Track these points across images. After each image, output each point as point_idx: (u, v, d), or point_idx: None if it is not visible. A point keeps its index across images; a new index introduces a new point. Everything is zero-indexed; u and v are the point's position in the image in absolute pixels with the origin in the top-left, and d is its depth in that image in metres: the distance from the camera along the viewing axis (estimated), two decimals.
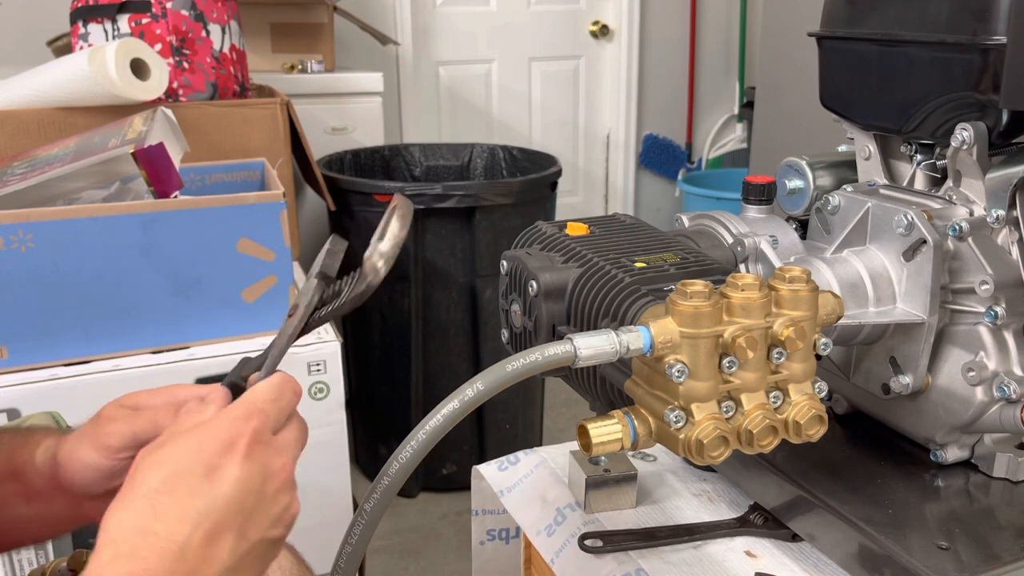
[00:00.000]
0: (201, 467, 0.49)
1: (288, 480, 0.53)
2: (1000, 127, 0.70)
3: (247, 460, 0.51)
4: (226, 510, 0.49)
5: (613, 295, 0.63)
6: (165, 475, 0.49)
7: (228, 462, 0.50)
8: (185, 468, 0.49)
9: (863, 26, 0.78)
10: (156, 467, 0.49)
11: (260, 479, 0.51)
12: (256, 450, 0.51)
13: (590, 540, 0.76)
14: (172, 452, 0.50)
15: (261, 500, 0.51)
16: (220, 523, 0.48)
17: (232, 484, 0.49)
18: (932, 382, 0.75)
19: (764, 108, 2.74)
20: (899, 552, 0.66)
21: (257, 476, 0.51)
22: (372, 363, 2.22)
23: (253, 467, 0.51)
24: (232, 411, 0.53)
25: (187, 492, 0.48)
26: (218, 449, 0.50)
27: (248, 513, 0.50)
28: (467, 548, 1.49)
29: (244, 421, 0.52)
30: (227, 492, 0.49)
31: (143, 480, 0.49)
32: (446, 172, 2.53)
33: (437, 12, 3.21)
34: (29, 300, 1.26)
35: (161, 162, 1.29)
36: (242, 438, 0.51)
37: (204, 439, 0.51)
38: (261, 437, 0.52)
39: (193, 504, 0.48)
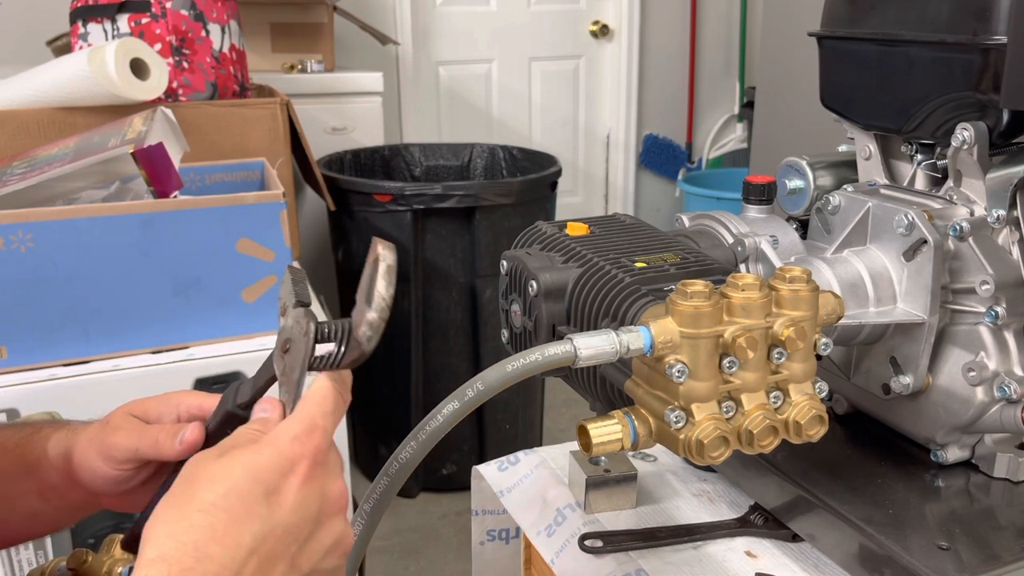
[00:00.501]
0: (261, 487, 0.46)
1: (344, 506, 0.51)
2: (1000, 127, 0.70)
3: (306, 483, 0.48)
4: (283, 538, 0.46)
5: (613, 295, 0.63)
6: (224, 491, 0.46)
7: (287, 485, 0.47)
8: (246, 487, 0.46)
9: (863, 26, 0.78)
10: (214, 481, 0.46)
11: (317, 505, 0.49)
12: (316, 473, 0.49)
13: (590, 540, 0.76)
14: (232, 467, 0.47)
15: (316, 528, 0.49)
16: (274, 551, 0.46)
17: (290, 510, 0.47)
18: (932, 382, 0.75)
19: (764, 108, 2.74)
20: (899, 552, 0.66)
21: (315, 502, 0.48)
22: (372, 363, 2.22)
23: (312, 491, 0.48)
24: (292, 427, 0.50)
25: (246, 513, 0.45)
26: (280, 469, 0.47)
27: (302, 542, 0.48)
28: (467, 548, 1.49)
29: (306, 439, 0.49)
30: (284, 518, 0.47)
31: (199, 492, 0.46)
32: (446, 172, 2.53)
33: (437, 12, 3.21)
34: (29, 300, 1.26)
35: (161, 162, 1.29)
36: (304, 459, 0.48)
37: (265, 456, 0.48)
38: (320, 458, 0.49)
39: (251, 528, 0.45)
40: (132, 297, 1.31)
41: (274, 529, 0.46)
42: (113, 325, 1.31)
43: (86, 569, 0.69)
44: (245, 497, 0.46)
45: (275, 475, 0.47)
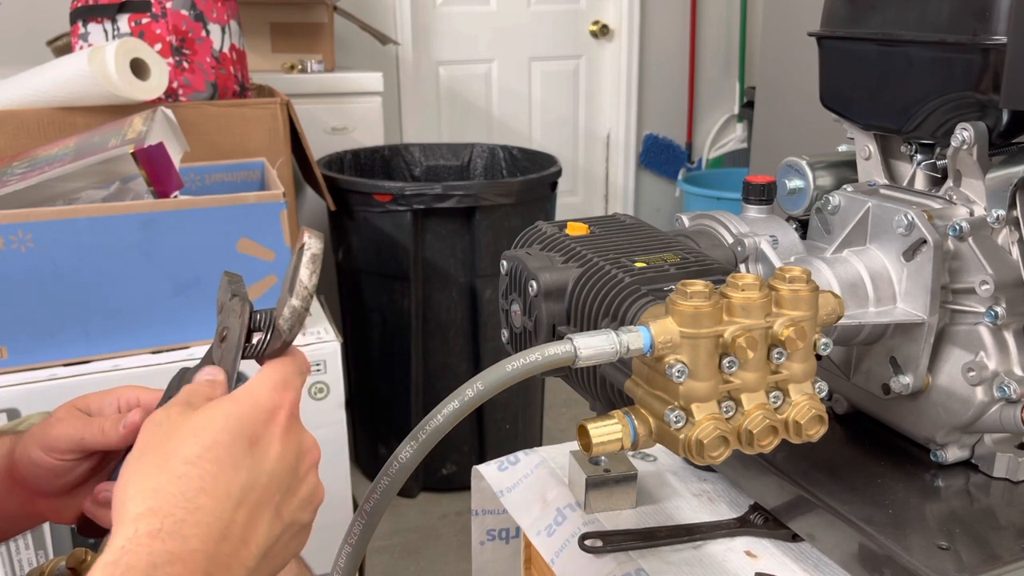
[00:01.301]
0: (246, 438, 0.47)
1: (318, 460, 0.51)
2: (1000, 127, 0.70)
3: (287, 434, 0.49)
4: (268, 487, 0.47)
5: (613, 295, 0.63)
6: (209, 443, 0.46)
7: (269, 434, 0.48)
8: (231, 439, 0.46)
9: (863, 26, 0.78)
10: (196, 434, 0.46)
11: (296, 456, 0.49)
12: (294, 424, 0.50)
13: (590, 540, 0.76)
14: (213, 419, 0.47)
15: (296, 478, 0.49)
16: (261, 500, 0.46)
17: (274, 459, 0.47)
18: (932, 382, 0.75)
19: (764, 108, 2.74)
20: (899, 552, 0.66)
21: (293, 452, 0.49)
22: (372, 363, 2.22)
23: (291, 442, 0.49)
24: (268, 379, 0.50)
25: (232, 465, 0.45)
26: (261, 419, 0.48)
27: (284, 491, 0.48)
28: (467, 548, 1.49)
29: (283, 391, 0.50)
30: (269, 467, 0.47)
31: (181, 446, 0.45)
32: (446, 172, 2.53)
33: (437, 12, 3.21)
34: (29, 300, 1.26)
35: (161, 162, 1.29)
36: (282, 409, 0.49)
37: (246, 407, 0.48)
38: (295, 410, 0.50)
39: (238, 478, 0.45)
40: (132, 297, 1.31)
41: (259, 478, 0.46)
42: (113, 325, 1.31)
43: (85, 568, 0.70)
44: (231, 448, 0.46)
45: (257, 425, 0.47)
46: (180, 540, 0.42)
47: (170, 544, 0.42)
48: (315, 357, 1.40)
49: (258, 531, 0.46)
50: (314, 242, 0.53)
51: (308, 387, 1.41)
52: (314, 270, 0.53)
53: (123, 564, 0.41)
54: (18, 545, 1.29)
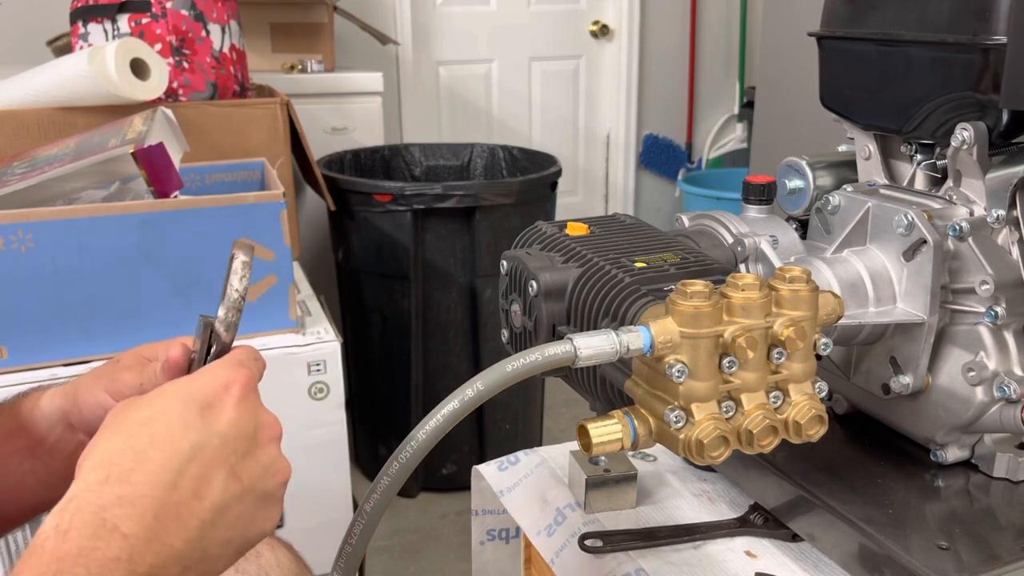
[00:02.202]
0: (196, 404, 0.48)
1: (279, 435, 0.52)
2: (1000, 127, 0.70)
3: (242, 402, 0.50)
4: (220, 448, 0.48)
5: (613, 295, 0.63)
6: (161, 408, 0.48)
7: (223, 402, 0.49)
8: (181, 405, 0.48)
9: (863, 26, 0.78)
10: (151, 401, 0.49)
11: (253, 425, 0.50)
12: (249, 396, 0.51)
13: (590, 540, 0.76)
14: (164, 391, 0.50)
15: (254, 445, 0.50)
16: (214, 459, 0.47)
17: (227, 423, 0.49)
18: (932, 382, 0.75)
19: (764, 108, 2.74)
20: (899, 552, 0.66)
21: (250, 421, 0.50)
22: (372, 363, 2.22)
23: (247, 411, 0.50)
24: (223, 361, 0.53)
25: (183, 424, 0.47)
26: (214, 390, 0.50)
27: (241, 454, 0.49)
28: (467, 548, 1.49)
29: (236, 368, 0.52)
30: (222, 429, 0.48)
31: (132, 413, 0.48)
32: (446, 172, 2.53)
33: (437, 12, 3.21)
34: (29, 300, 1.26)
35: (161, 162, 1.29)
36: (236, 383, 0.51)
37: (198, 382, 0.50)
38: (251, 385, 0.52)
39: (188, 436, 0.47)
40: (132, 297, 1.31)
41: (211, 438, 0.48)
42: (113, 325, 1.31)
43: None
44: (183, 412, 0.48)
45: (210, 394, 0.49)
46: (128, 485, 0.44)
47: (118, 488, 0.44)
48: (315, 357, 1.40)
49: (212, 487, 0.47)
50: (242, 252, 0.59)
51: (308, 387, 1.41)
52: (243, 276, 0.58)
53: (72, 508, 0.43)
54: (18, 545, 1.29)
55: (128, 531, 0.43)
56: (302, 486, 1.49)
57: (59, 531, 0.42)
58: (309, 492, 1.47)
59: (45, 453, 0.67)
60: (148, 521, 0.43)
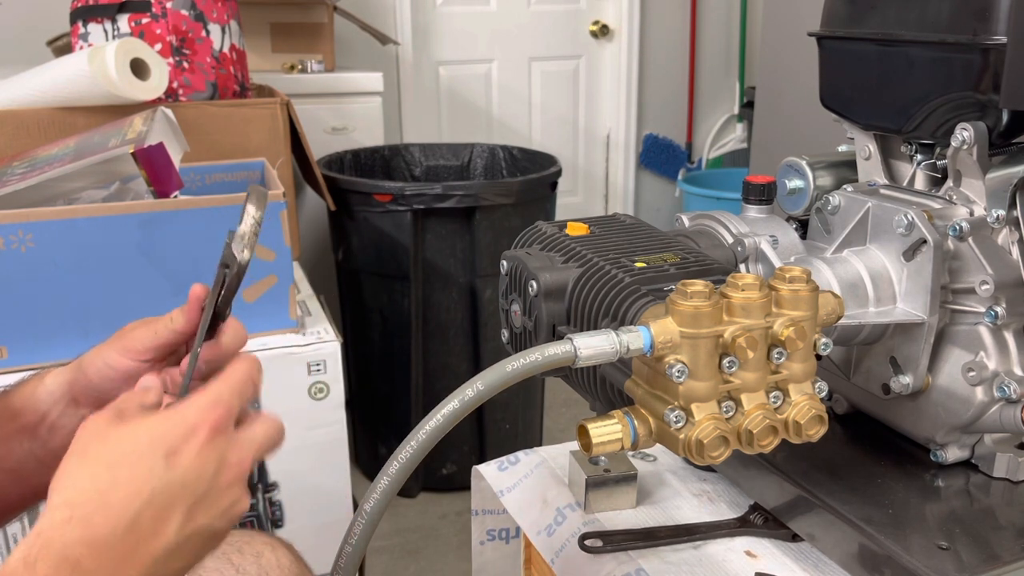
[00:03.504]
0: (163, 449, 0.51)
1: (242, 475, 0.55)
2: (1000, 127, 0.70)
3: (206, 447, 0.53)
4: (179, 492, 0.51)
5: (613, 295, 0.63)
6: (127, 451, 0.51)
7: (188, 447, 0.52)
8: (147, 447, 0.51)
9: (863, 26, 0.78)
10: (119, 441, 0.52)
11: (215, 468, 0.53)
12: (217, 440, 0.53)
13: (590, 540, 0.76)
14: (136, 431, 0.52)
15: (213, 488, 0.53)
16: (170, 503, 0.51)
17: (187, 468, 0.52)
18: (932, 382, 0.75)
19: (764, 108, 2.74)
20: (899, 552, 0.66)
21: (212, 464, 0.53)
22: (372, 363, 2.22)
23: (211, 455, 0.53)
24: (199, 400, 0.55)
25: (147, 470, 0.50)
26: (181, 434, 0.52)
27: (198, 497, 0.52)
28: (467, 548, 1.49)
29: (209, 410, 0.54)
30: (180, 475, 0.51)
31: (103, 450, 0.51)
32: (446, 172, 2.53)
33: (437, 12, 3.21)
34: (29, 300, 1.26)
35: (161, 162, 1.29)
36: (204, 426, 0.53)
37: (170, 423, 0.53)
38: (220, 426, 0.54)
39: (150, 482, 0.50)
40: (132, 297, 1.31)
41: (171, 484, 0.51)
42: (113, 325, 1.30)
43: None
44: (145, 457, 0.51)
45: (177, 439, 0.52)
46: (89, 527, 0.49)
47: (80, 530, 0.48)
48: (315, 357, 1.40)
49: (168, 528, 0.51)
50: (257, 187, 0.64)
51: (308, 387, 1.41)
52: (259, 205, 0.63)
53: (39, 542, 0.48)
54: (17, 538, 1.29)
55: (88, 567, 0.48)
56: (302, 486, 1.50)
57: (27, 563, 0.47)
58: (309, 492, 1.47)
59: (45, 431, 0.69)
60: (106, 560, 0.49)
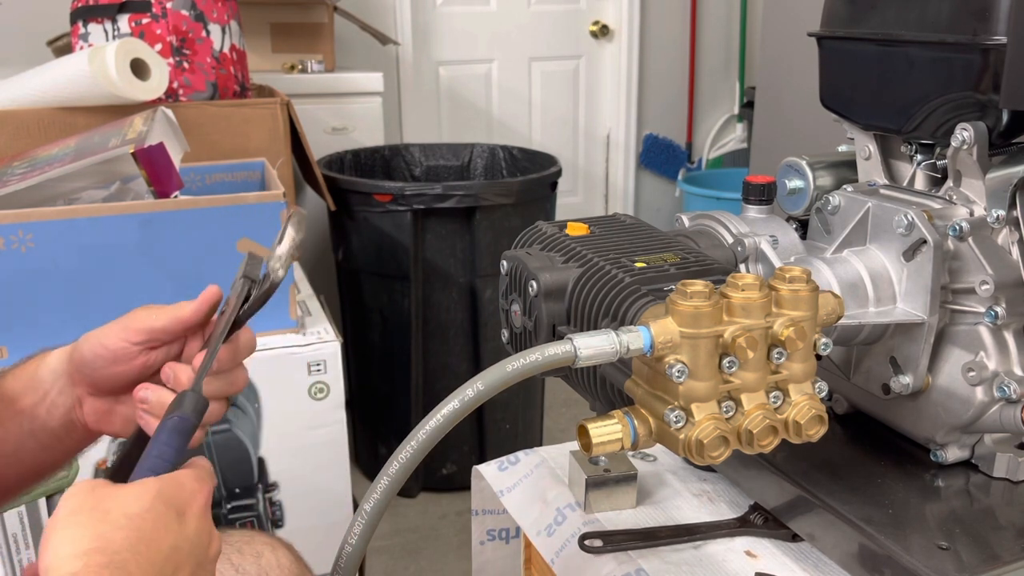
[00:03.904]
0: (174, 509, 0.53)
1: (218, 553, 0.57)
2: (1000, 127, 0.70)
3: (203, 516, 0.55)
4: (189, 551, 0.53)
5: (613, 295, 0.63)
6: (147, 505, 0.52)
7: (192, 511, 0.54)
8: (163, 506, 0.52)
9: (863, 26, 0.78)
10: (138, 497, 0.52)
11: (208, 538, 0.55)
12: (207, 512, 0.56)
13: (590, 540, 0.76)
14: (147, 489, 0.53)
15: (208, 557, 0.55)
16: (183, 561, 0.52)
17: (193, 531, 0.54)
18: (932, 382, 0.75)
19: (764, 108, 2.74)
20: (899, 552, 0.66)
21: (207, 534, 0.55)
22: (372, 363, 2.22)
23: (206, 524, 0.55)
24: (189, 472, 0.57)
25: (164, 527, 0.52)
26: (185, 497, 0.54)
27: (199, 560, 0.54)
28: (467, 548, 1.49)
29: (202, 482, 0.56)
30: (190, 536, 0.53)
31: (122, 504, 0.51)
32: (446, 172, 2.53)
33: (437, 12, 3.21)
34: (29, 300, 1.26)
35: (161, 162, 1.29)
36: (201, 494, 0.55)
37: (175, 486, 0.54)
38: (209, 501, 0.57)
39: (168, 538, 0.52)
40: (132, 297, 1.31)
41: (183, 544, 0.53)
42: None
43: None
44: (164, 514, 0.52)
45: (184, 501, 0.54)
46: (125, 573, 0.48)
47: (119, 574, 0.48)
48: (315, 357, 1.40)
49: None
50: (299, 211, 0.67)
51: (308, 387, 1.41)
52: (299, 228, 0.66)
53: None
54: (18, 545, 1.29)
55: None
56: (302, 486, 1.50)
57: None
58: (309, 492, 1.47)
59: (45, 411, 0.70)
60: None
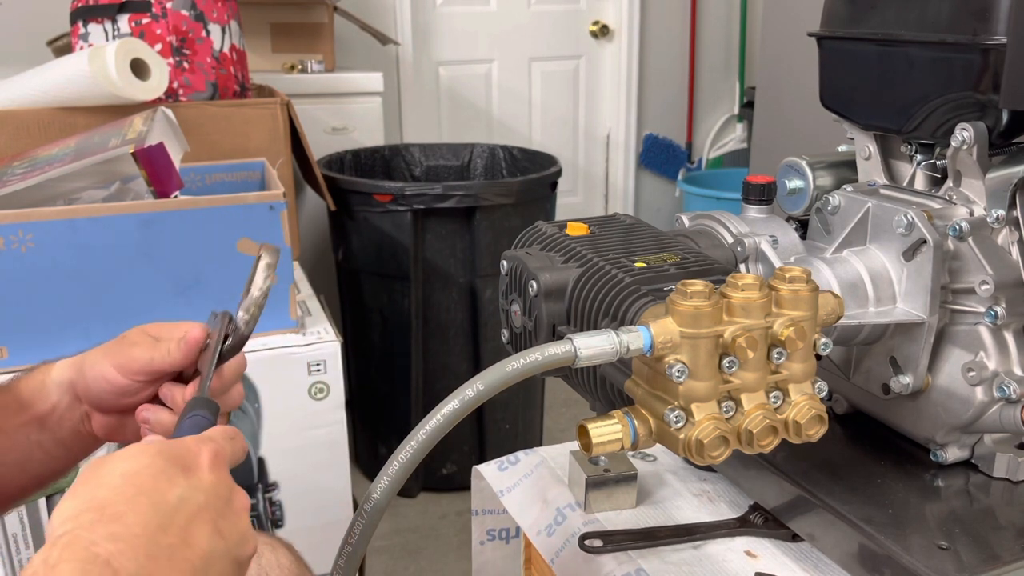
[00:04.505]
0: (178, 464, 0.49)
1: (248, 505, 0.52)
2: (1000, 127, 0.70)
3: (215, 468, 0.50)
4: (205, 503, 0.48)
5: (613, 295, 0.63)
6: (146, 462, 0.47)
7: (199, 466, 0.50)
8: (164, 462, 0.48)
9: (863, 26, 0.78)
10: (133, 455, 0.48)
11: (228, 489, 0.50)
12: (219, 464, 0.51)
13: (590, 540, 0.76)
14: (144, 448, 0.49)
15: (230, 509, 0.50)
16: (199, 512, 0.47)
17: (208, 483, 0.49)
18: (932, 382, 0.75)
19: (764, 108, 2.74)
20: (899, 552, 0.66)
21: (226, 485, 0.50)
22: (372, 363, 2.22)
23: (222, 475, 0.51)
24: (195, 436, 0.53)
25: (167, 479, 0.47)
26: (190, 454, 0.50)
27: (221, 514, 0.49)
28: (467, 548, 1.49)
29: (207, 441, 0.52)
30: (205, 487, 0.49)
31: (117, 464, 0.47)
32: (446, 172, 2.53)
33: (437, 12, 3.21)
34: (29, 300, 1.26)
35: (161, 162, 1.29)
36: (207, 450, 0.51)
37: (174, 444, 0.50)
38: (222, 454, 0.52)
39: (174, 490, 0.47)
40: (132, 297, 1.31)
41: (196, 493, 0.48)
42: (113, 325, 1.30)
43: None
44: (166, 469, 0.47)
45: (187, 457, 0.49)
46: (121, 524, 0.43)
47: (112, 526, 0.43)
48: (315, 357, 1.40)
49: (199, 538, 0.46)
50: (269, 253, 0.64)
51: (308, 387, 1.41)
52: (267, 275, 0.64)
53: (61, 543, 0.42)
54: (18, 545, 1.29)
55: (119, 566, 0.42)
56: (302, 486, 1.50)
57: (47, 565, 0.41)
58: (309, 492, 1.47)
59: (54, 423, 0.69)
60: (141, 559, 0.43)
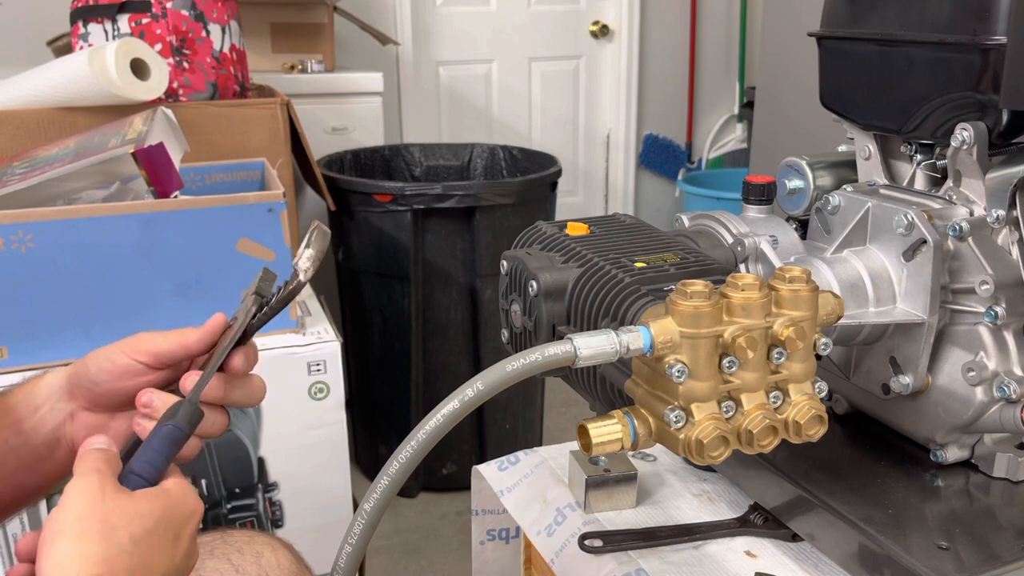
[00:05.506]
0: (173, 532, 0.57)
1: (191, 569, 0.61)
2: (1000, 127, 0.70)
3: (194, 537, 0.59)
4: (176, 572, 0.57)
5: (613, 295, 0.63)
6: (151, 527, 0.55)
7: (186, 534, 0.58)
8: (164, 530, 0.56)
9: (863, 26, 0.78)
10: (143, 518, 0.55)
11: (192, 559, 0.59)
12: (196, 531, 0.60)
13: (590, 540, 0.76)
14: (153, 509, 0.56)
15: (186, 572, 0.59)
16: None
17: (183, 554, 0.58)
18: (932, 382, 0.75)
19: (764, 108, 2.74)
20: (899, 552, 0.66)
21: (193, 556, 0.59)
22: (372, 363, 2.22)
23: (194, 546, 0.59)
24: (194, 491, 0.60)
25: (161, 550, 0.56)
26: (185, 519, 0.58)
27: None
28: (467, 548, 1.49)
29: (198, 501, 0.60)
30: (179, 560, 0.57)
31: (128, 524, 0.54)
32: (446, 172, 2.53)
33: (437, 12, 3.21)
34: (29, 300, 1.26)
35: (161, 162, 1.29)
36: (196, 514, 0.59)
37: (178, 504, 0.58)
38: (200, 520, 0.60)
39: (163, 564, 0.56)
40: (132, 297, 1.31)
41: (173, 569, 0.57)
42: (113, 325, 1.31)
43: None
44: (163, 538, 0.56)
45: (183, 524, 0.58)
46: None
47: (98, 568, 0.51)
48: (315, 357, 1.40)
49: None
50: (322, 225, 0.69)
51: (308, 387, 1.41)
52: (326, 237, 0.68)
53: None
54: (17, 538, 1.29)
55: None
56: (302, 486, 1.50)
57: None
58: (309, 492, 1.47)
59: (30, 428, 0.72)
60: None
